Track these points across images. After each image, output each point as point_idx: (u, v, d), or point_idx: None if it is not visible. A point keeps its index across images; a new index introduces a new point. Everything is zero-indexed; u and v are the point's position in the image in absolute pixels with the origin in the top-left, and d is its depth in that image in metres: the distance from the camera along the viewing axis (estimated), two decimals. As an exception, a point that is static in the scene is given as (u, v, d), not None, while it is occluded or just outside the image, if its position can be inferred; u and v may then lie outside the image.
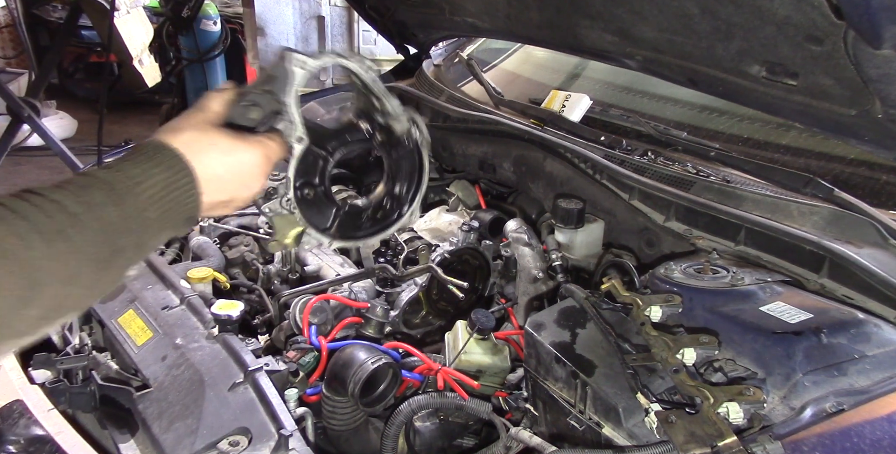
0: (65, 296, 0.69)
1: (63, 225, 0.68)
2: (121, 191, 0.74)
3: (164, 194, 0.78)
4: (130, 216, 0.74)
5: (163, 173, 0.78)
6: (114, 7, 3.82)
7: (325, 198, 1.10)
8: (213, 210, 0.89)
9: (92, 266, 0.70)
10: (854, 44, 1.04)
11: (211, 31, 5.66)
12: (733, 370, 1.08)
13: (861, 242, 1.28)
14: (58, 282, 0.67)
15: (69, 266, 0.68)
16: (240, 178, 0.89)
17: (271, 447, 1.12)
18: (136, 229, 0.75)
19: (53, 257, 0.66)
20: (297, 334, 1.57)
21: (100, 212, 0.71)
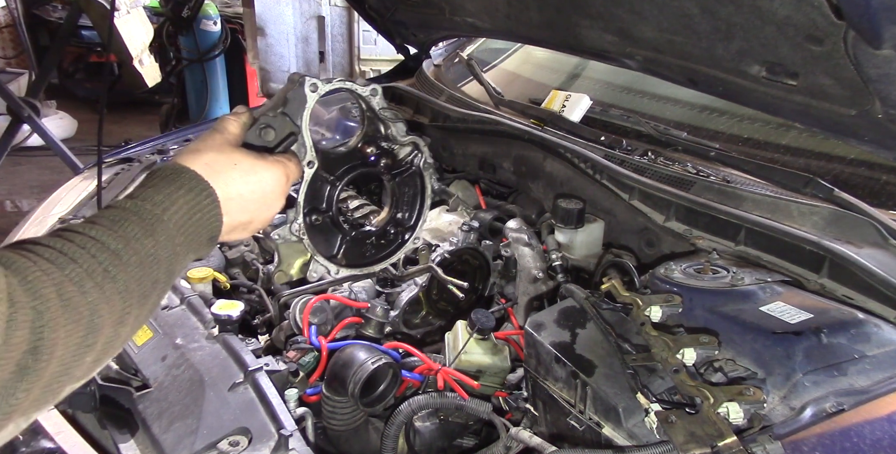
0: (115, 337, 0.67)
1: (107, 264, 0.66)
2: (150, 220, 0.73)
3: (188, 217, 0.77)
4: (163, 245, 0.73)
5: (185, 196, 0.77)
6: (114, 7, 3.83)
7: (332, 224, 1.10)
8: (233, 232, 0.87)
9: (137, 303, 0.69)
10: (854, 44, 1.04)
11: (211, 31, 5.66)
12: (733, 370, 1.08)
13: (861, 242, 1.28)
14: (111, 325, 0.66)
15: (119, 307, 0.67)
16: (262, 197, 0.88)
17: (271, 447, 1.12)
18: (167, 258, 0.74)
19: (106, 300, 0.65)
20: (297, 334, 1.57)
21: (137, 245, 0.70)
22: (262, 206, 0.88)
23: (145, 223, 0.72)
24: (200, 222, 0.79)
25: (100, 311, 0.64)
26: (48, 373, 0.59)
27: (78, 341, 0.62)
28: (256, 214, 0.88)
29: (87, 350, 0.63)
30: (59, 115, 6.00)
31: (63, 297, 0.61)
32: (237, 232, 0.88)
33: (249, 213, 0.87)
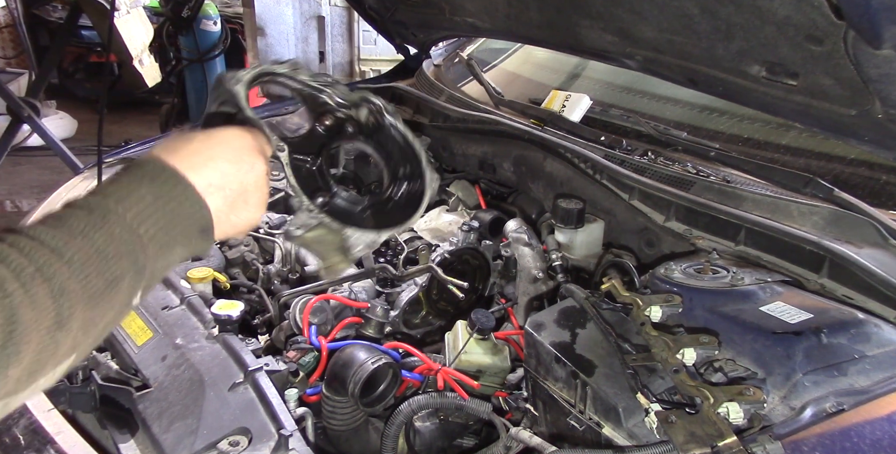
0: (54, 344, 0.59)
1: (41, 263, 0.59)
2: (101, 212, 0.66)
3: (157, 207, 0.69)
4: (120, 239, 0.65)
5: (148, 186, 0.70)
6: (114, 7, 3.82)
7: (343, 201, 1.04)
8: (234, 209, 0.79)
9: (84, 304, 0.61)
10: (854, 44, 1.04)
11: (211, 31, 5.66)
12: (733, 370, 1.08)
13: (861, 242, 1.28)
14: (43, 331, 0.57)
15: (52, 310, 0.58)
16: (236, 158, 0.79)
17: (271, 447, 1.12)
18: (129, 251, 0.66)
19: (31, 303, 0.57)
20: (297, 334, 1.57)
21: (82, 241, 0.63)
22: (241, 168, 0.80)
23: (94, 216, 0.65)
24: (177, 211, 0.71)
25: (21, 317, 0.56)
26: None
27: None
28: (242, 178, 0.79)
29: (7, 362, 0.55)
30: (59, 115, 6.00)
31: None
32: (239, 208, 0.80)
33: (235, 180, 0.78)
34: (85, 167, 2.33)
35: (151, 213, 0.68)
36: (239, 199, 0.79)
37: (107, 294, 0.64)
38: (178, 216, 0.71)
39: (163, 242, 0.70)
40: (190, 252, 0.75)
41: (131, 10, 4.70)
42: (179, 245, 0.72)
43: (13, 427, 1.21)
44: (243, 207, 0.80)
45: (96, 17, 4.46)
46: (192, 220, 0.73)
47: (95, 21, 4.72)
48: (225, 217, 0.78)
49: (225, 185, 0.77)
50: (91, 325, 0.63)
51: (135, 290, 0.68)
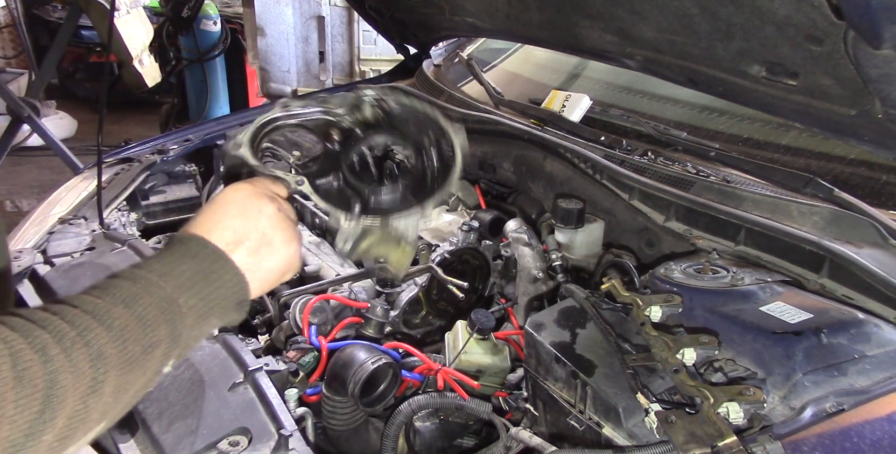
0: (86, 409, 0.60)
1: (82, 328, 0.61)
2: (143, 283, 0.69)
3: (197, 280, 0.73)
4: (159, 307, 0.68)
5: (189, 262, 0.74)
6: (114, 7, 3.82)
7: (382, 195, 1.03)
8: (261, 256, 0.82)
9: (117, 369, 0.62)
10: (854, 44, 1.04)
11: (211, 31, 5.66)
12: (733, 370, 1.08)
13: (861, 242, 1.28)
14: (78, 396, 0.59)
15: (90, 375, 0.60)
16: (241, 211, 0.82)
17: (271, 447, 1.12)
18: (168, 319, 0.69)
19: (72, 368, 0.58)
20: (297, 334, 1.57)
21: (122, 309, 0.65)
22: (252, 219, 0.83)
23: (137, 286, 0.68)
24: (216, 285, 0.74)
25: (61, 382, 0.57)
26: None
27: (29, 419, 0.55)
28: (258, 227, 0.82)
29: (42, 427, 0.56)
30: (59, 115, 6.00)
31: (17, 368, 0.55)
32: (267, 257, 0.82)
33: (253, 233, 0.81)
34: (85, 167, 2.34)
35: (192, 286, 0.72)
36: (262, 245, 0.82)
37: (141, 359, 0.65)
38: (217, 289, 0.74)
39: (201, 312, 0.72)
40: (223, 322, 0.77)
41: (131, 10, 4.70)
42: (215, 316, 0.75)
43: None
44: (269, 251, 0.83)
45: (96, 17, 4.46)
46: (230, 292, 0.76)
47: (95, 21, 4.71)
48: (257, 267, 0.80)
49: (242, 238, 0.80)
50: (122, 391, 0.64)
51: (168, 358, 0.70)
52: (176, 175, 2.24)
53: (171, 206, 2.19)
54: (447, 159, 1.05)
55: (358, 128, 1.08)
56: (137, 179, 2.10)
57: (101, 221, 1.85)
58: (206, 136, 2.38)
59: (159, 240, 2.05)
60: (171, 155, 2.24)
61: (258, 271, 0.81)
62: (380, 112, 1.08)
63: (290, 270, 0.87)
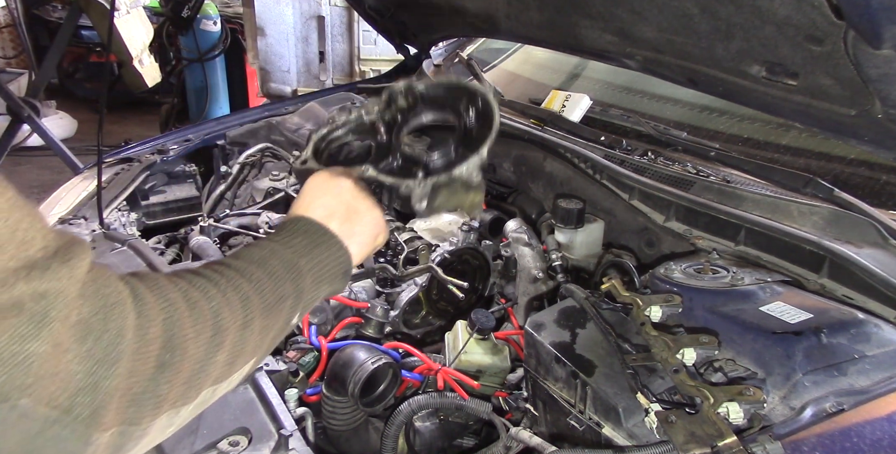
0: (242, 341, 0.72)
1: (230, 275, 0.75)
2: (270, 249, 0.84)
3: (310, 249, 0.87)
4: (286, 265, 0.82)
5: (303, 236, 0.89)
6: (114, 7, 3.82)
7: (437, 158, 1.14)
8: (352, 222, 0.96)
9: (260, 313, 0.75)
10: (854, 44, 1.04)
11: (211, 31, 5.65)
12: (733, 370, 1.08)
13: (861, 242, 1.28)
14: (236, 329, 0.71)
15: (241, 313, 0.72)
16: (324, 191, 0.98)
17: (271, 447, 1.12)
18: (293, 278, 0.82)
19: (228, 305, 0.71)
20: (297, 334, 1.57)
21: (259, 266, 0.79)
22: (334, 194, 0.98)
23: (264, 251, 0.83)
24: (326, 254, 0.89)
25: (222, 314, 0.69)
26: (185, 369, 0.63)
27: (207, 340, 0.66)
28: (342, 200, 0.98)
29: (217, 348, 0.68)
30: (59, 115, 6.00)
31: (189, 300, 0.66)
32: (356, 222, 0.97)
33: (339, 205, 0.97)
34: (85, 167, 2.34)
35: (307, 252, 0.86)
36: (350, 214, 0.96)
37: (276, 307, 0.78)
38: (328, 256, 0.89)
39: (316, 276, 0.86)
40: (332, 290, 0.91)
41: (131, 10, 4.70)
42: (326, 283, 0.88)
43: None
44: (358, 218, 0.97)
45: (96, 17, 4.46)
46: (337, 260, 0.90)
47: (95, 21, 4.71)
48: (351, 233, 0.94)
49: (332, 212, 0.94)
50: (266, 332, 0.77)
51: (294, 311, 0.82)
52: (176, 175, 2.24)
53: (171, 206, 2.19)
54: (485, 110, 1.17)
55: (397, 116, 1.21)
56: (137, 179, 2.10)
57: (101, 221, 1.85)
58: (206, 136, 2.38)
59: (159, 240, 2.05)
60: (171, 155, 2.24)
61: (353, 236, 0.94)
62: (412, 98, 1.21)
63: (380, 232, 1.02)
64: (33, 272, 0.51)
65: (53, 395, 0.51)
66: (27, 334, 0.49)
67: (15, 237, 0.50)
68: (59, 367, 0.51)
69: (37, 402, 0.50)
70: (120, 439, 0.57)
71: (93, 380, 0.53)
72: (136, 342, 0.57)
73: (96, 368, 0.54)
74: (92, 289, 0.55)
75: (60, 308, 0.51)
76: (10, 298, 0.49)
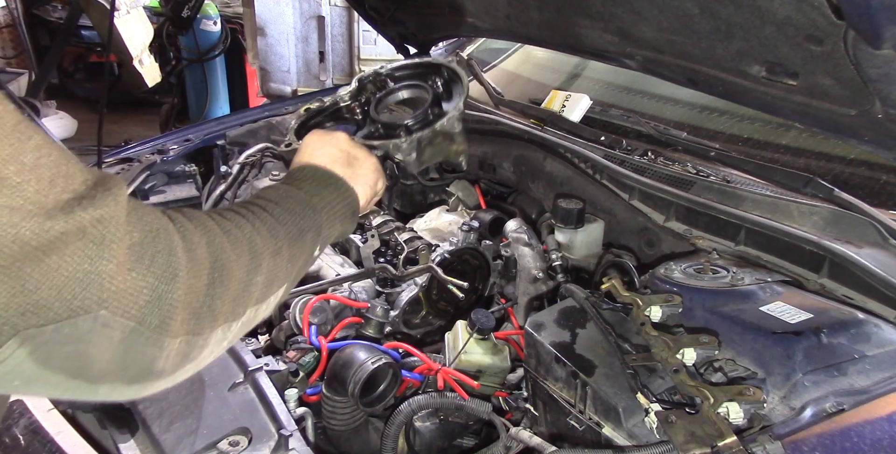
0: (276, 266, 0.80)
1: (254, 209, 0.83)
2: (285, 190, 0.92)
3: (321, 188, 0.96)
4: (302, 203, 0.91)
5: (311, 179, 0.97)
6: (114, 7, 3.82)
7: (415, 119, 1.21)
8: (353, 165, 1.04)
9: (286, 242, 0.83)
10: (854, 44, 1.04)
11: (211, 31, 5.65)
12: (733, 370, 1.08)
13: (861, 242, 1.28)
14: (268, 254, 0.78)
15: (271, 240, 0.80)
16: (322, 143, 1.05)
17: (271, 447, 1.12)
18: (310, 214, 0.91)
19: (258, 233, 0.79)
20: (297, 334, 1.57)
21: (277, 204, 0.87)
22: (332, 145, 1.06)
23: (280, 192, 0.91)
24: (335, 194, 0.97)
25: (255, 240, 0.77)
26: (232, 288, 0.70)
27: (246, 262, 0.73)
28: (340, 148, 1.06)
29: (255, 271, 0.75)
30: (59, 115, 5.98)
31: (223, 228, 0.73)
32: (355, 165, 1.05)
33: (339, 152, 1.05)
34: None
35: (318, 191, 0.95)
36: (350, 159, 1.05)
37: (300, 238, 0.87)
38: (337, 195, 0.97)
39: (330, 213, 0.94)
40: (343, 230, 0.99)
41: (131, 10, 4.70)
42: (338, 220, 0.96)
43: (13, 427, 1.21)
44: (358, 163, 1.06)
45: (96, 17, 4.46)
46: (346, 201, 0.98)
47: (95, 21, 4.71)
48: (354, 175, 1.02)
49: (334, 158, 1.03)
50: (293, 261, 0.84)
51: (315, 244, 0.91)
52: (176, 175, 2.24)
53: (171, 206, 2.19)
54: (451, 78, 1.25)
55: (370, 97, 1.29)
56: (137, 179, 2.10)
57: (101, 221, 1.85)
58: (206, 136, 2.38)
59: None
60: (171, 155, 2.24)
61: (357, 179, 1.02)
62: (380, 83, 1.30)
63: (379, 177, 1.10)
64: (84, 201, 0.56)
65: (126, 308, 0.58)
66: (94, 255, 0.55)
67: (61, 171, 0.55)
68: (126, 283, 0.57)
69: (114, 313, 0.57)
70: (187, 347, 0.65)
71: (157, 293, 0.60)
72: (187, 261, 0.64)
73: (157, 284, 0.60)
74: (136, 215, 0.61)
75: (114, 231, 0.57)
76: (73, 223, 0.54)
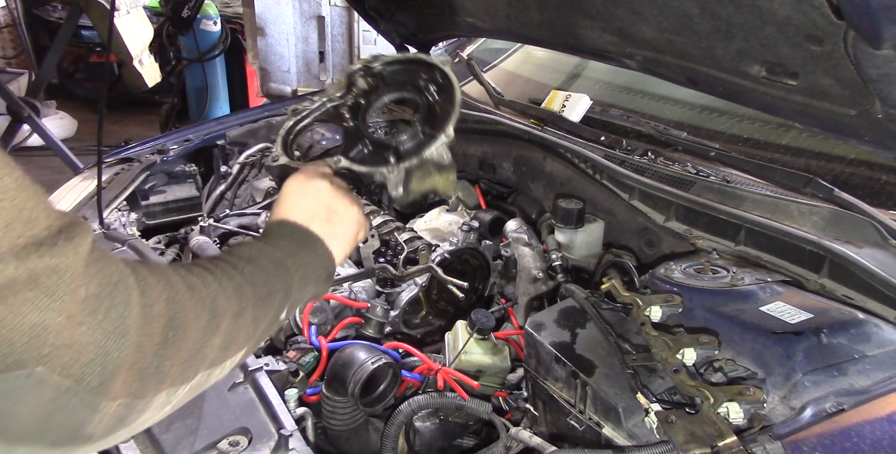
0: (236, 328, 0.75)
1: (225, 266, 0.79)
2: (259, 248, 0.89)
3: (297, 251, 0.92)
4: (275, 263, 0.87)
5: (289, 238, 0.94)
6: (114, 7, 3.82)
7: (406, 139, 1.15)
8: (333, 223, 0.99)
9: (252, 303, 0.79)
10: (854, 44, 1.04)
11: (211, 31, 5.65)
12: (733, 370, 1.08)
13: (861, 242, 1.28)
14: (230, 315, 0.74)
15: (236, 301, 0.76)
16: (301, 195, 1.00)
17: (271, 447, 1.12)
18: (282, 275, 0.86)
19: (223, 292, 0.74)
20: (297, 334, 1.57)
21: (249, 262, 0.83)
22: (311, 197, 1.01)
23: (254, 249, 0.88)
24: (312, 256, 0.93)
25: (218, 300, 0.73)
26: (185, 349, 0.66)
27: (204, 323, 0.69)
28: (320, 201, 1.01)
29: (213, 332, 0.71)
30: (59, 115, 5.99)
31: (188, 284, 0.70)
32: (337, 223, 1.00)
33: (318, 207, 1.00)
34: (85, 167, 2.34)
35: (294, 253, 0.91)
36: (330, 215, 0.99)
37: (267, 300, 0.82)
38: (313, 258, 0.93)
39: (302, 275, 0.90)
40: (316, 293, 0.95)
41: (131, 10, 4.70)
42: (311, 283, 0.92)
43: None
44: (338, 218, 1.00)
45: (96, 17, 4.46)
46: (322, 264, 0.94)
47: (95, 21, 4.71)
48: (333, 233, 0.98)
49: (313, 214, 0.97)
50: (257, 322, 0.80)
51: (283, 306, 0.86)
52: (176, 175, 2.24)
53: (171, 206, 2.19)
54: (445, 86, 1.17)
55: (360, 99, 1.21)
56: (137, 179, 2.10)
57: (101, 221, 1.85)
58: (206, 136, 2.38)
59: (159, 240, 2.05)
60: (171, 155, 2.24)
61: (335, 236, 0.98)
62: (371, 79, 1.21)
63: (360, 229, 1.05)
64: (42, 248, 0.53)
65: (67, 365, 0.54)
66: (44, 306, 0.52)
67: (21, 216, 0.52)
68: (73, 339, 0.54)
69: (51, 371, 0.53)
70: (125, 410, 0.61)
71: (103, 351, 0.56)
72: (142, 318, 0.60)
73: (105, 340, 0.57)
74: (96, 267, 0.58)
75: (70, 282, 0.54)
76: (26, 271, 0.52)
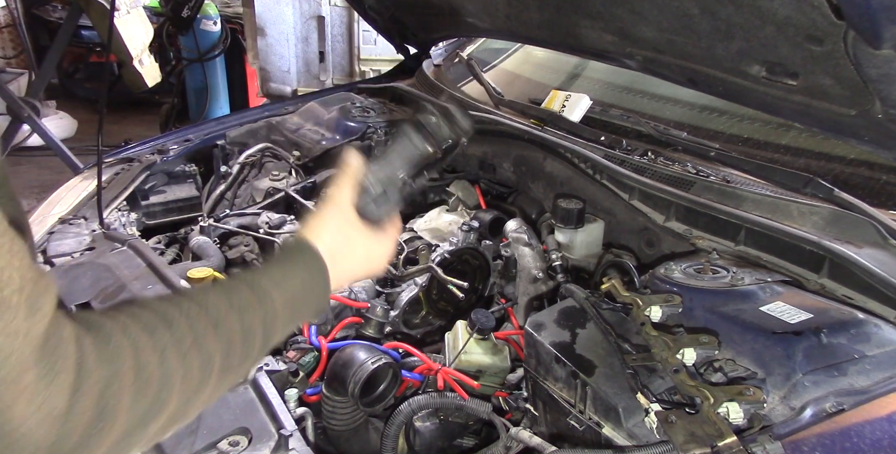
0: (186, 406, 0.68)
1: (199, 333, 0.68)
2: (259, 295, 0.77)
3: (300, 296, 0.83)
4: (262, 322, 0.76)
5: (301, 275, 0.84)
6: (114, 7, 3.82)
7: None
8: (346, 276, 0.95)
9: (217, 376, 0.70)
10: (854, 44, 1.04)
11: (211, 31, 5.65)
12: (733, 370, 1.08)
13: (861, 242, 1.28)
14: (182, 396, 0.66)
15: (197, 378, 0.67)
16: (371, 265, 0.98)
17: (271, 447, 1.12)
18: (263, 335, 0.76)
19: (183, 372, 0.65)
20: (297, 334, 1.57)
21: (234, 318, 0.73)
22: (371, 271, 0.98)
23: (254, 296, 0.76)
24: (308, 299, 0.85)
25: (171, 383, 0.64)
26: (110, 440, 0.60)
27: (141, 413, 0.62)
28: (368, 274, 0.99)
29: (150, 420, 0.63)
30: (59, 115, 5.99)
31: (138, 367, 0.61)
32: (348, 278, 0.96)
33: (359, 276, 0.98)
34: (85, 167, 2.34)
35: (294, 302, 0.81)
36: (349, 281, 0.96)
37: (237, 369, 0.74)
38: (311, 303, 0.86)
39: (287, 322, 0.82)
40: (295, 328, 0.89)
41: (131, 10, 4.70)
42: (294, 325, 0.86)
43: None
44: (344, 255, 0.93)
45: (96, 17, 4.45)
46: (316, 304, 0.87)
47: (95, 21, 4.71)
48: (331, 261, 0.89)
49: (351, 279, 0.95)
50: (216, 392, 0.71)
51: (255, 365, 0.82)
52: (176, 175, 2.24)
53: (171, 206, 2.19)
54: None
55: None
56: (137, 179, 2.10)
57: (101, 221, 1.85)
58: (206, 136, 2.38)
59: (159, 240, 2.05)
60: (171, 155, 2.24)
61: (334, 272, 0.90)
62: None
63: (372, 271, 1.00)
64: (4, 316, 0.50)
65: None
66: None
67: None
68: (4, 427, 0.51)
69: None
70: None
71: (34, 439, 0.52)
72: (65, 412, 0.55)
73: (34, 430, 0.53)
74: (40, 354, 0.54)
75: (11, 368, 0.51)
76: None
